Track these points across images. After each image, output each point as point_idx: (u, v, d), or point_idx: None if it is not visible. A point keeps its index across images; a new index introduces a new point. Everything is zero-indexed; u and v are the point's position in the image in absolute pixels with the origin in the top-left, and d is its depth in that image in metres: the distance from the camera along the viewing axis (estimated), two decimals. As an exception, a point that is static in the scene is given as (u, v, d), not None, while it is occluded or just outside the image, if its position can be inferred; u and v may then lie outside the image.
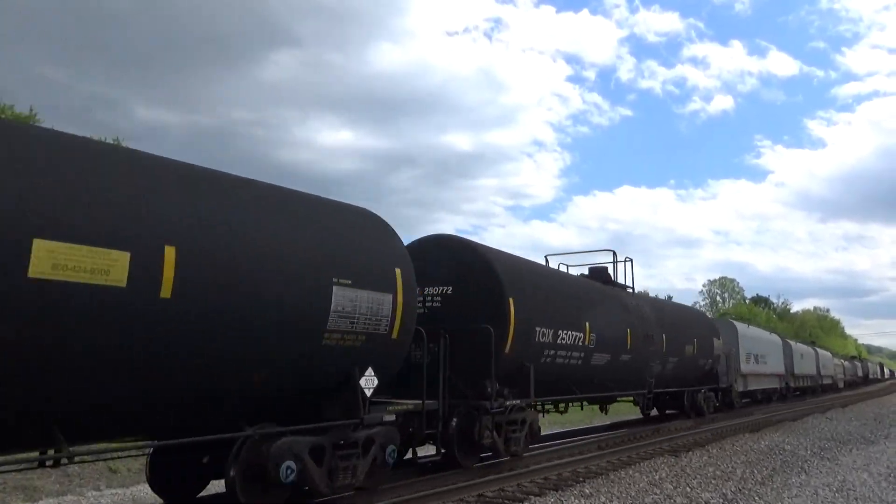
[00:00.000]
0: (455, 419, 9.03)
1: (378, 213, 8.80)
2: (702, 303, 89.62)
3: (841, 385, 51.20)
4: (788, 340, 35.23)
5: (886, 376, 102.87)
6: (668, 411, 19.20)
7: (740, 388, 23.19)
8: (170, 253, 4.93)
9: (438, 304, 9.75)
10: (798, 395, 35.57)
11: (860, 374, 68.21)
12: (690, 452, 12.34)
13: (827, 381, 43.88)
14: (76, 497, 9.31)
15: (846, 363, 60.27)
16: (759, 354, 25.85)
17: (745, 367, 23.73)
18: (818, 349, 44.18)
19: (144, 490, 9.89)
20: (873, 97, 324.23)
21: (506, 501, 8.00)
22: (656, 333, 14.89)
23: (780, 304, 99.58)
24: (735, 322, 25.61)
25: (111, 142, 35.68)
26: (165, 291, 4.87)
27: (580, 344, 11.54)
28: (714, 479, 9.67)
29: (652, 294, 34.98)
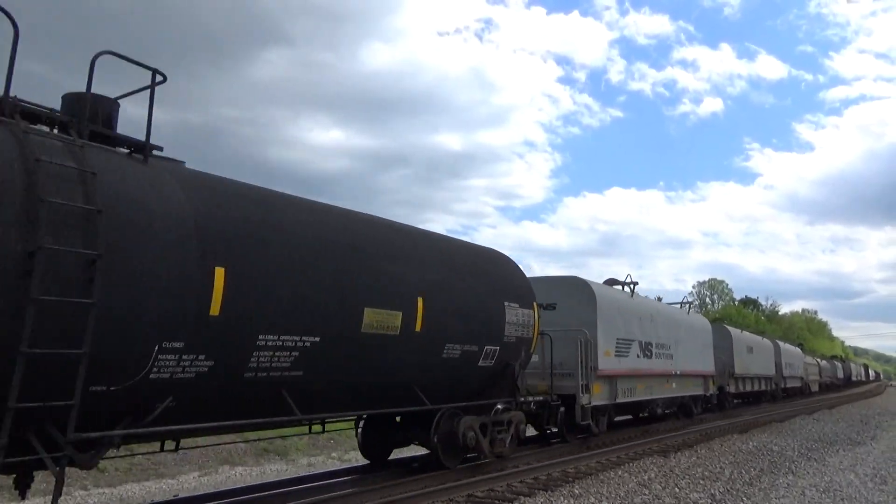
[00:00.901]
0: None
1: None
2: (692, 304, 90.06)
3: (815, 388, 44.05)
4: (727, 326, 26.34)
5: (871, 378, 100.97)
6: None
7: (599, 402, 13.22)
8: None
9: None
10: (747, 402, 28.20)
11: (840, 375, 62.64)
12: (679, 453, 12.38)
13: (794, 384, 36.11)
14: (63, 497, 9.22)
15: (823, 363, 54.07)
16: (651, 343, 15.79)
17: (608, 364, 13.41)
18: (781, 342, 35.84)
19: (132, 489, 9.83)
20: (860, 101, 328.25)
21: (495, 502, 7.98)
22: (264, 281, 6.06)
23: (768, 305, 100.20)
24: (591, 283, 14.09)
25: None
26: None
27: None
28: (702, 479, 9.72)
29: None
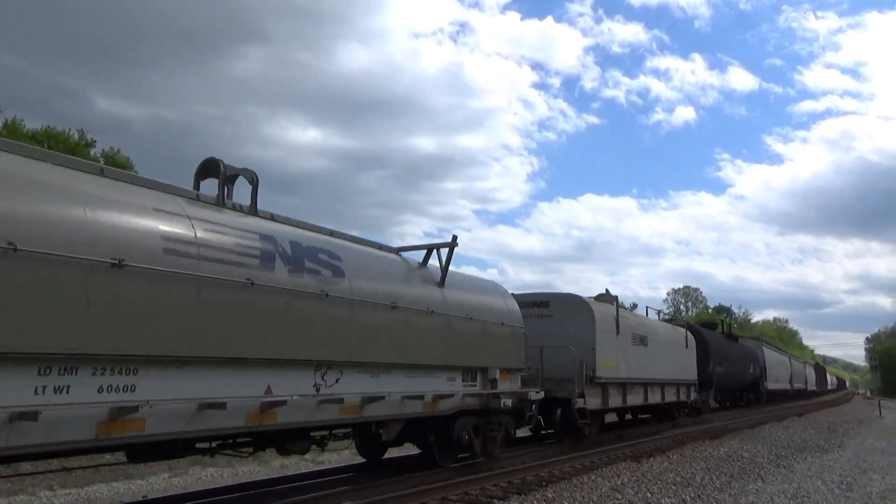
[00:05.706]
0: None
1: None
2: (666, 311, 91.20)
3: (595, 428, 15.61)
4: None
5: (832, 387, 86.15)
6: None
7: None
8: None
9: None
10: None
11: (757, 374, 33.52)
12: (652, 458, 12.51)
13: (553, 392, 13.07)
14: (28, 497, 9.04)
15: (662, 327, 20.17)
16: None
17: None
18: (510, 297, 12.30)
19: (99, 490, 9.65)
20: (827, 116, 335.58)
21: (469, 505, 7.99)
22: None
23: (741, 314, 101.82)
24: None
25: (76, 133, 33.00)
26: None
27: None
28: (674, 484, 9.82)
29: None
